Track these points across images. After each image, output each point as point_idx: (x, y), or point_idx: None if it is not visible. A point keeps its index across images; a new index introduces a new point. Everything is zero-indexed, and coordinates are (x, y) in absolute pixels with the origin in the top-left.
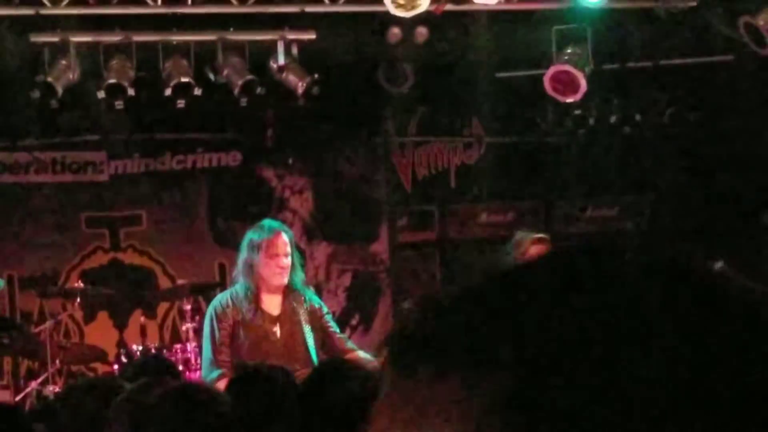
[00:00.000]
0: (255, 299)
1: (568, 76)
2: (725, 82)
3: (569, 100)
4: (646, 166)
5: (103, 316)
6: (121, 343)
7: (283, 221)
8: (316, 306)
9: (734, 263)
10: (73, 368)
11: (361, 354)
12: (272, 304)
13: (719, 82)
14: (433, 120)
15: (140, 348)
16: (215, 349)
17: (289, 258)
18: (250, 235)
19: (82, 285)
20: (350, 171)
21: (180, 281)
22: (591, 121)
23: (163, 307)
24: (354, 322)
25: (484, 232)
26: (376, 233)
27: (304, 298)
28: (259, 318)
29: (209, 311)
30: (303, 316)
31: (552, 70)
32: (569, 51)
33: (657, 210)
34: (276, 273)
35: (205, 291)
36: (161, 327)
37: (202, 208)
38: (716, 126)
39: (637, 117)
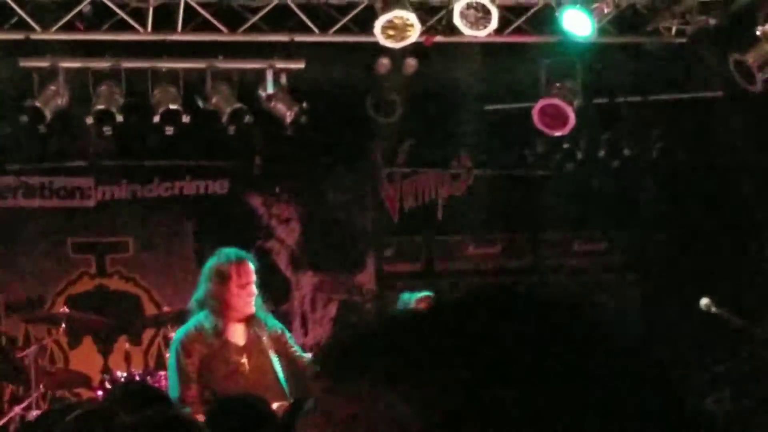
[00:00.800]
0: (221, 331)
1: (557, 110)
2: (715, 118)
3: (558, 133)
4: (634, 200)
5: (88, 341)
6: (106, 369)
7: (270, 250)
8: (279, 332)
9: (722, 298)
10: (57, 393)
11: None
12: (237, 334)
13: (709, 117)
14: (421, 151)
15: (124, 374)
16: (183, 386)
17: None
18: (215, 265)
19: (67, 310)
20: (338, 200)
21: (165, 308)
22: (579, 155)
23: (148, 333)
24: None
25: (471, 263)
26: (363, 263)
27: (266, 324)
28: (226, 350)
29: (174, 346)
30: (267, 344)
31: (541, 103)
32: (558, 84)
33: (645, 244)
34: (247, 302)
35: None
36: (146, 353)
37: (189, 236)
38: (705, 161)
39: (626, 151)
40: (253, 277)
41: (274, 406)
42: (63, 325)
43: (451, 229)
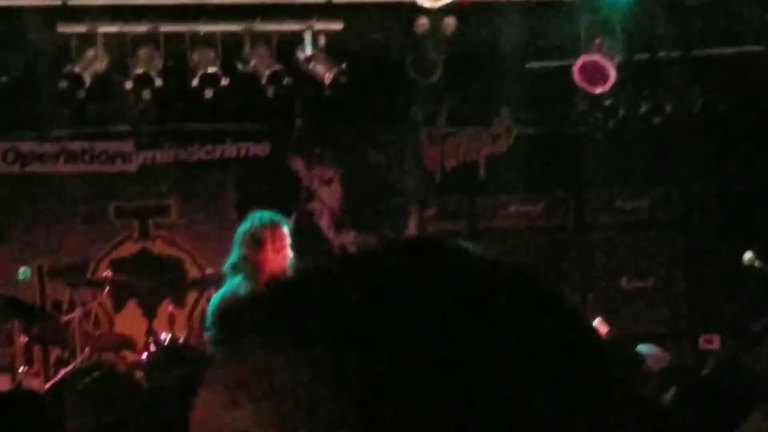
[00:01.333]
0: None
1: (598, 67)
2: (757, 73)
3: (598, 91)
4: (676, 156)
5: (132, 305)
6: (150, 332)
7: (312, 212)
8: None
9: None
10: (103, 356)
11: None
12: None
13: (751, 72)
14: (462, 111)
15: (169, 336)
16: None
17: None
18: (249, 230)
19: (111, 274)
20: (379, 161)
21: (208, 271)
22: (621, 112)
23: (192, 296)
24: None
25: (513, 223)
26: (405, 223)
27: None
28: None
29: (210, 312)
30: None
31: (581, 60)
32: (599, 41)
33: (688, 200)
34: (282, 266)
35: None
36: (190, 316)
37: (231, 198)
38: (747, 116)
39: (668, 108)
40: (288, 241)
41: None
42: (107, 289)
43: (492, 188)
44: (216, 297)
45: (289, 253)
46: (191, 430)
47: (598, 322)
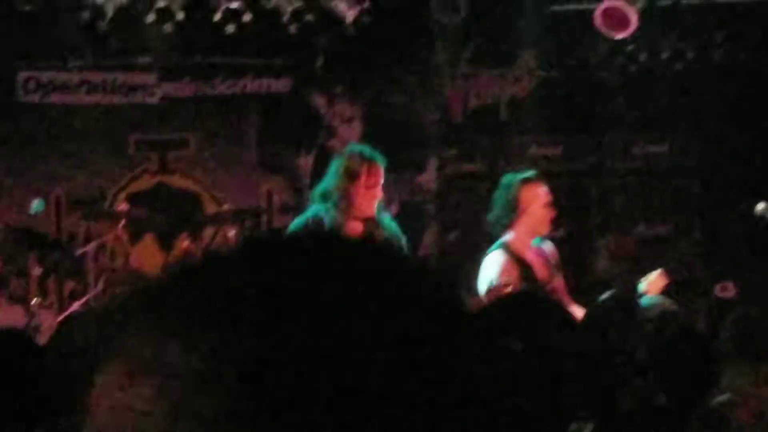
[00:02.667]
0: (339, 228)
1: (620, 12)
2: None
3: (620, 36)
4: (697, 103)
5: (148, 238)
6: (167, 267)
7: (332, 149)
8: (398, 239)
9: None
10: (117, 291)
11: None
12: (354, 233)
13: None
14: (484, 52)
15: None
16: None
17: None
18: (346, 162)
19: (127, 207)
20: (400, 101)
21: (226, 206)
22: (642, 58)
23: (208, 231)
24: None
25: (533, 165)
26: (425, 164)
27: (385, 229)
28: None
29: None
30: None
31: (604, 5)
32: None
33: (707, 147)
34: (371, 203)
35: (250, 216)
36: (206, 251)
37: (251, 134)
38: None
39: (689, 55)
40: (382, 180)
41: None
42: (123, 222)
43: (513, 130)
44: (298, 220)
45: (380, 192)
46: (88, 411)
47: (658, 274)
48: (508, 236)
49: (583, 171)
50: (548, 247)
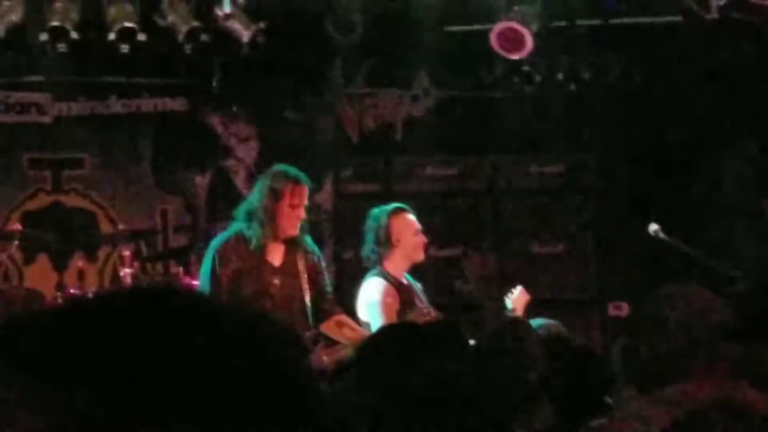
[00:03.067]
0: (262, 247)
1: (515, 34)
2: (672, 43)
3: (515, 57)
4: (592, 123)
5: (43, 258)
6: (60, 287)
7: (228, 169)
8: (316, 259)
9: (677, 225)
10: (12, 310)
11: (345, 320)
12: (275, 254)
13: (667, 42)
14: (381, 72)
15: (78, 292)
16: (216, 293)
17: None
18: (270, 181)
19: (20, 227)
20: (296, 121)
21: (121, 226)
22: (538, 78)
23: (103, 251)
24: None
25: (429, 185)
26: (321, 183)
27: (306, 248)
28: (261, 268)
29: (211, 253)
30: (302, 269)
31: (499, 26)
32: (517, 8)
33: (603, 168)
34: (294, 224)
35: (146, 236)
36: (101, 271)
37: (147, 153)
38: (663, 86)
39: (585, 75)
40: (306, 201)
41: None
42: (16, 242)
43: (409, 150)
44: (219, 239)
45: (303, 213)
46: None
47: (520, 291)
48: (383, 265)
49: (478, 191)
50: (414, 284)
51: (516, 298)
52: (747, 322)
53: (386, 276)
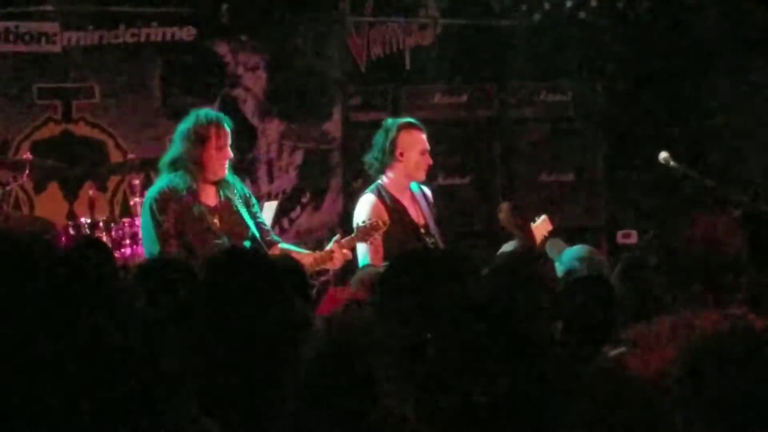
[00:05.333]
0: (195, 191)
1: None
2: None
3: None
4: (600, 51)
5: (53, 187)
6: (71, 215)
7: (236, 98)
8: (248, 195)
9: (680, 151)
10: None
11: (286, 246)
12: (209, 195)
13: None
14: (388, 0)
15: (88, 221)
16: (162, 242)
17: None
18: (194, 126)
19: (31, 156)
20: (304, 49)
21: (131, 155)
22: (546, 6)
23: (113, 180)
24: (304, 200)
25: (437, 113)
26: (329, 112)
27: (236, 188)
28: (199, 210)
29: (148, 204)
30: (238, 204)
31: None
32: None
33: (610, 96)
34: (223, 164)
35: (155, 165)
36: (111, 200)
37: (155, 82)
38: (670, 14)
39: (593, 3)
40: (229, 140)
41: None
42: (27, 171)
43: (418, 78)
44: (153, 189)
45: (230, 153)
46: None
47: (543, 219)
48: (383, 179)
49: (487, 118)
50: (427, 192)
51: (538, 226)
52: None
53: (381, 193)
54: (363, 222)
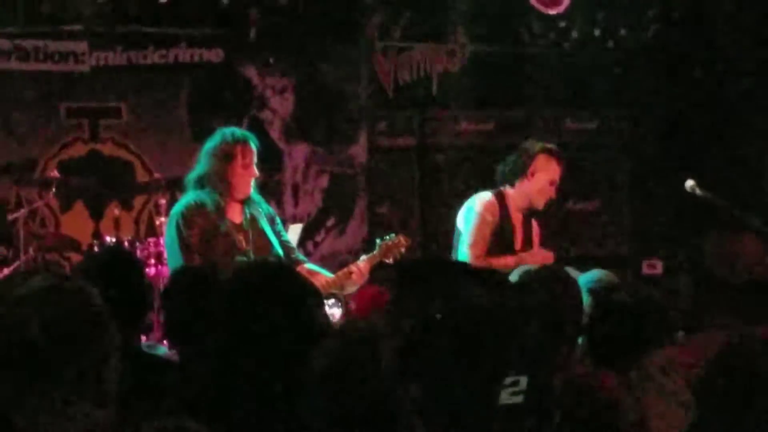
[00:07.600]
0: (222, 209)
1: None
2: (708, 3)
3: (553, 11)
4: (627, 80)
5: (79, 206)
6: (96, 234)
7: (263, 120)
8: (272, 214)
9: (712, 180)
10: (47, 257)
11: (310, 266)
12: (235, 212)
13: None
14: (417, 25)
15: (114, 240)
16: (187, 258)
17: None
18: (221, 144)
19: (58, 174)
20: (332, 73)
21: (157, 175)
22: (575, 34)
23: (139, 200)
24: (330, 224)
25: (463, 140)
26: (356, 136)
27: (261, 206)
28: (226, 227)
29: (174, 219)
30: (264, 225)
31: None
32: None
33: (637, 124)
34: (249, 183)
35: (181, 186)
36: (137, 219)
37: (183, 103)
38: (699, 45)
39: (622, 31)
40: (255, 159)
41: None
42: (54, 189)
43: (444, 104)
44: (180, 204)
45: (256, 172)
46: None
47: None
48: (508, 188)
49: (513, 145)
50: (534, 224)
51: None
52: None
53: (501, 198)
54: (385, 238)
